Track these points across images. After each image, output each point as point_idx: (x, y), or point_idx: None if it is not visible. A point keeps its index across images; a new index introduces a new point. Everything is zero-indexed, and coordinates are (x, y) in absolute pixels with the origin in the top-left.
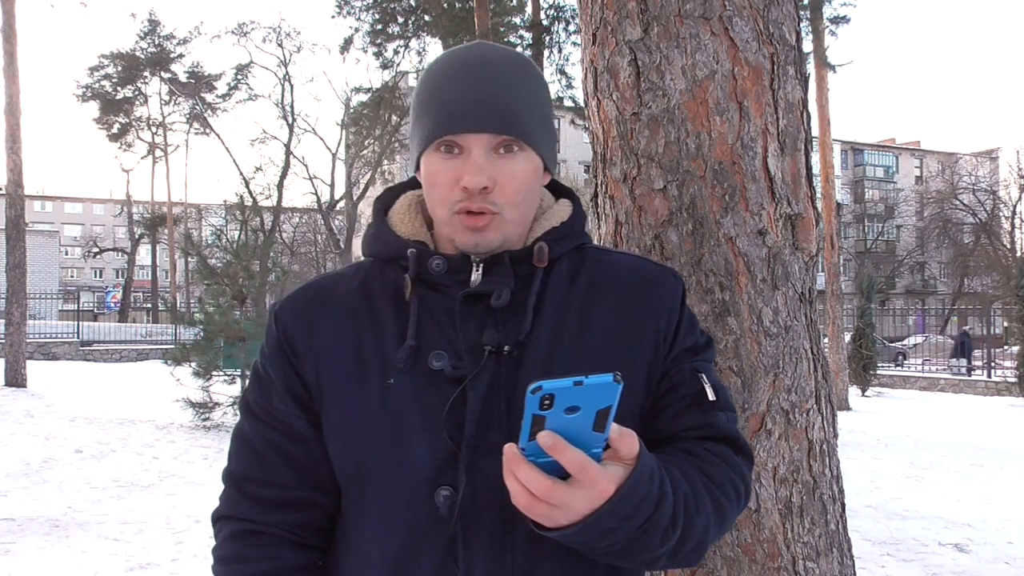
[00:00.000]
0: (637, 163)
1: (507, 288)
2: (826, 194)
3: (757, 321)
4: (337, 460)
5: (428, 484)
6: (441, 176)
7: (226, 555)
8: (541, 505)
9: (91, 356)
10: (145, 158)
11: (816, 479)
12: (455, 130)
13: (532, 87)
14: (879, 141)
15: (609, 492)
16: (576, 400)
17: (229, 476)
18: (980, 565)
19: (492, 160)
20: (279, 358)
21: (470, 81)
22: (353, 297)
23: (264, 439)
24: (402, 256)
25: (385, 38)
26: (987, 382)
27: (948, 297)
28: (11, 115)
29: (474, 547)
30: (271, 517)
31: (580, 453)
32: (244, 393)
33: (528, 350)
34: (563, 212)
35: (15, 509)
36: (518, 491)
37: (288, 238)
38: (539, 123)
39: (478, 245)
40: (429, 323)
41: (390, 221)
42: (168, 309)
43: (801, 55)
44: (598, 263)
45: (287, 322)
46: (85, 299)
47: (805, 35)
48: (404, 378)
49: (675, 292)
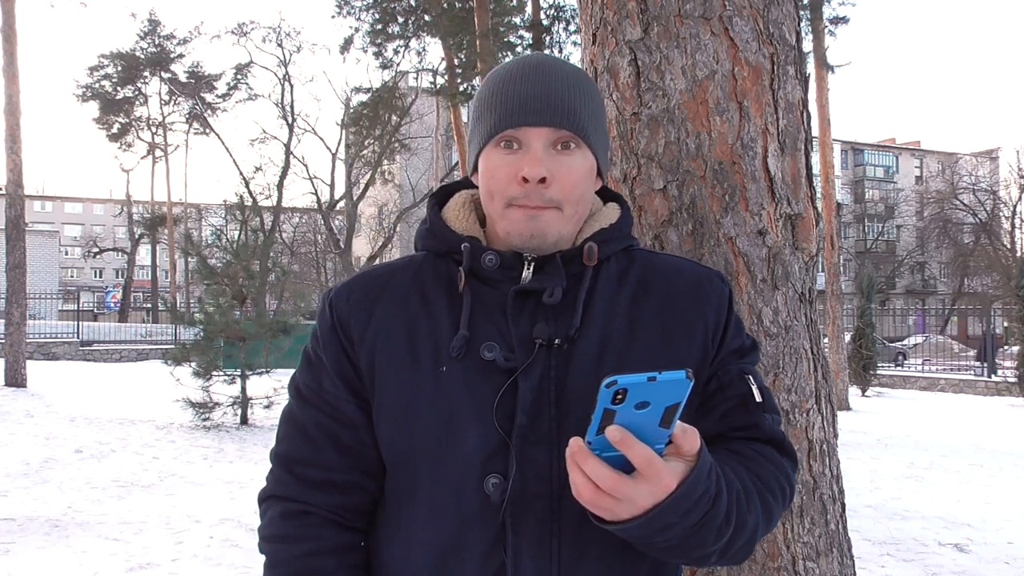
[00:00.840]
0: (637, 163)
1: (559, 286)
2: (826, 194)
3: (757, 321)
4: (388, 444)
5: (478, 471)
6: (500, 170)
7: (274, 534)
8: (605, 498)
9: (91, 356)
10: (145, 158)
11: (816, 479)
12: (516, 124)
13: (590, 92)
14: (879, 141)
15: (671, 487)
16: (647, 396)
17: (278, 457)
18: (980, 565)
19: (550, 155)
20: (333, 343)
21: (532, 79)
22: (407, 287)
23: (314, 422)
24: (455, 250)
25: (385, 38)
26: (987, 382)
27: (948, 297)
28: (11, 115)
29: (522, 535)
30: (318, 498)
31: (647, 448)
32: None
33: (578, 345)
34: (612, 215)
35: (15, 509)
36: (583, 484)
37: (288, 238)
38: (596, 125)
39: (533, 236)
40: (481, 315)
41: (444, 217)
42: (168, 309)
43: (801, 55)
44: (647, 265)
45: (342, 309)
46: (85, 299)
47: (805, 35)
48: (456, 367)
49: (722, 294)
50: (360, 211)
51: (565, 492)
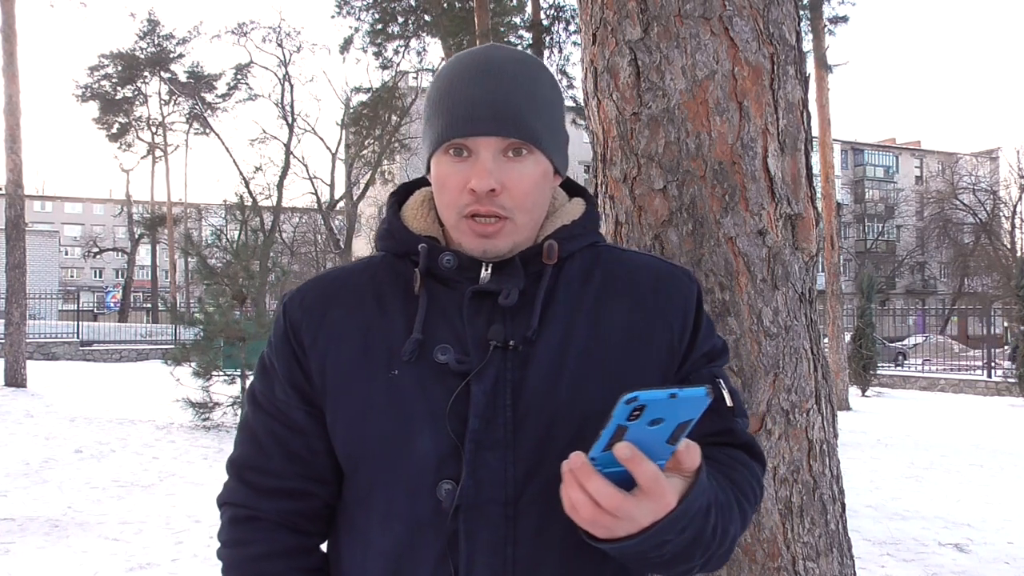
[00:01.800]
0: (637, 163)
1: (516, 287)
2: (826, 194)
3: (757, 321)
4: (341, 449)
5: (431, 476)
6: (450, 179)
7: (227, 539)
8: (606, 517)
9: (91, 356)
10: (145, 158)
11: (816, 479)
12: (463, 133)
13: (543, 89)
14: (879, 141)
15: (672, 505)
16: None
17: (231, 464)
18: (980, 565)
19: (500, 163)
20: (285, 350)
21: (479, 84)
22: (363, 290)
23: (265, 429)
24: (413, 251)
25: (385, 38)
26: (987, 382)
27: (948, 297)
28: (11, 115)
29: (476, 540)
30: (267, 504)
31: (654, 466)
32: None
33: (537, 347)
34: (575, 210)
35: (15, 509)
36: (583, 502)
37: (288, 238)
38: (548, 125)
39: (486, 252)
40: (437, 317)
41: (403, 216)
42: (168, 309)
43: (801, 55)
44: (612, 262)
45: (295, 315)
46: (85, 299)
47: (805, 35)
48: (409, 370)
49: (689, 293)
50: (360, 211)
51: (522, 498)
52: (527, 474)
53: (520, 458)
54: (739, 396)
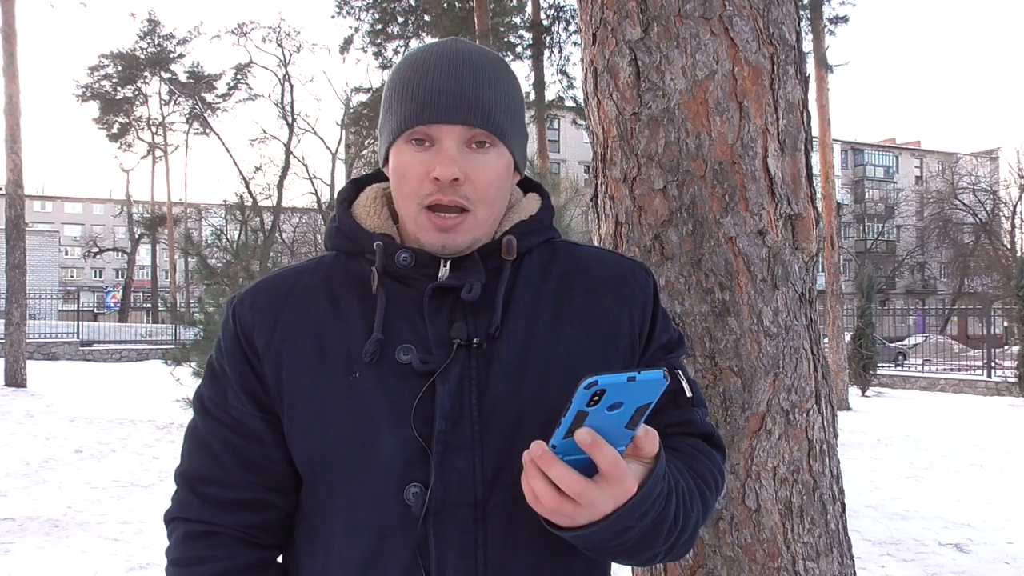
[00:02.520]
0: (637, 163)
1: (478, 281)
2: (826, 194)
3: (757, 321)
4: (301, 457)
5: (397, 481)
6: (411, 169)
7: (180, 556)
8: (568, 505)
9: (91, 356)
10: (145, 158)
11: (816, 479)
12: (428, 120)
13: (507, 85)
14: (879, 141)
15: (632, 490)
16: (623, 396)
17: (182, 476)
18: (980, 565)
19: (464, 153)
20: (236, 355)
21: (443, 72)
22: (315, 291)
23: (219, 438)
24: (368, 249)
25: (385, 38)
26: (987, 382)
27: (948, 297)
28: (11, 115)
29: (446, 545)
30: (224, 518)
31: (614, 451)
32: (198, 389)
33: (500, 343)
34: (532, 206)
35: (15, 509)
36: (545, 490)
37: (288, 238)
38: (512, 121)
39: (445, 247)
40: (396, 316)
41: (355, 214)
42: (168, 309)
43: (801, 55)
44: (569, 257)
45: (245, 318)
46: (85, 299)
47: (805, 35)
48: (370, 372)
49: (647, 286)
50: None
51: (490, 499)
52: (495, 474)
53: (487, 459)
54: (697, 387)
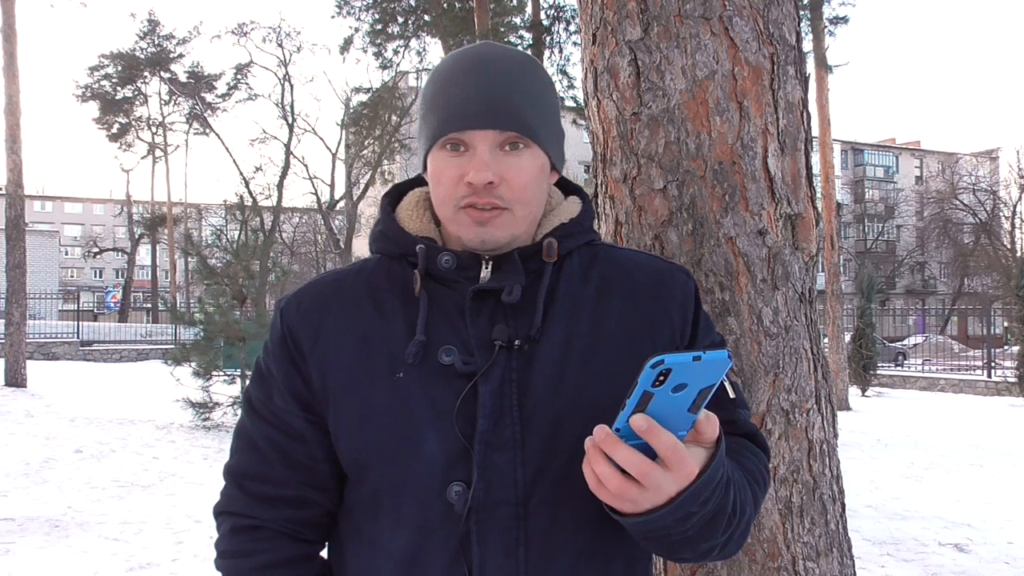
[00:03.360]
0: (637, 163)
1: (518, 284)
2: (826, 194)
3: (757, 321)
4: (346, 456)
5: (440, 479)
6: (446, 174)
7: (227, 549)
8: (632, 488)
9: (91, 356)
10: (145, 158)
11: (816, 479)
12: (460, 127)
13: (538, 85)
14: (879, 141)
15: (694, 474)
16: (687, 377)
17: (229, 472)
18: (980, 565)
19: (497, 157)
20: (283, 356)
21: (475, 79)
22: (360, 293)
23: (264, 436)
24: (410, 252)
25: (385, 38)
26: (987, 382)
27: (948, 297)
28: (11, 115)
29: (488, 543)
30: (268, 513)
31: (671, 436)
32: (247, 388)
33: (540, 345)
34: (572, 209)
35: (15, 509)
36: (609, 474)
37: (288, 238)
38: (544, 121)
39: (484, 242)
40: (439, 318)
41: (398, 217)
42: (168, 309)
43: (801, 55)
44: (609, 260)
45: (292, 320)
46: (85, 299)
47: (805, 35)
48: (413, 373)
49: (687, 289)
50: (360, 211)
51: (532, 498)
52: (536, 474)
53: (529, 458)
54: (740, 388)
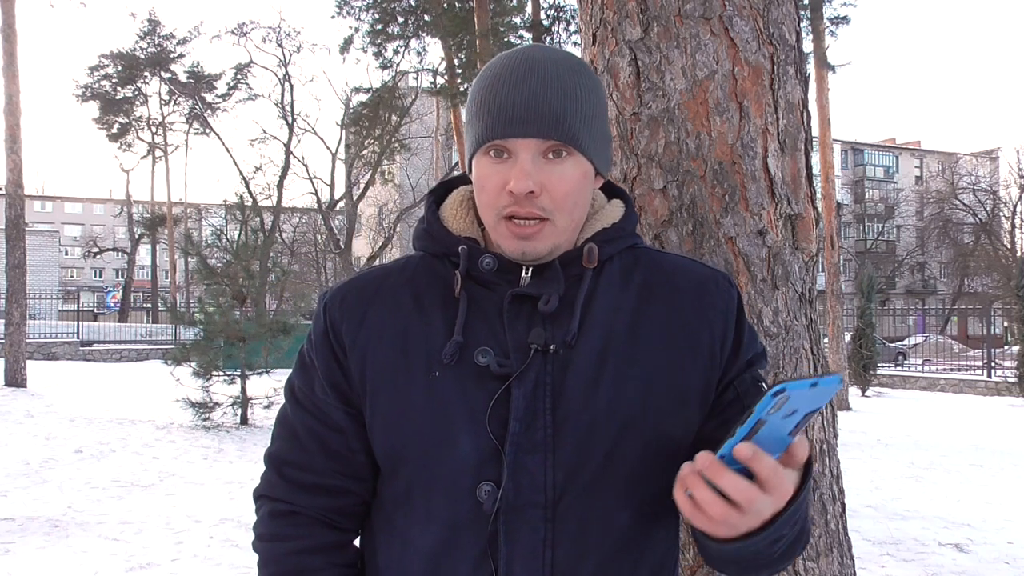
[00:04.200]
0: (637, 163)
1: (556, 293)
2: (826, 194)
3: (757, 321)
4: (380, 449)
5: (471, 478)
6: (489, 180)
7: (265, 532)
8: (735, 514)
9: (91, 356)
10: (145, 158)
11: (816, 479)
12: (502, 135)
13: (584, 90)
14: (879, 141)
15: (790, 493)
16: (800, 404)
17: (270, 458)
18: (980, 565)
19: (540, 165)
20: (324, 349)
21: (519, 84)
22: (402, 290)
23: (304, 425)
24: (452, 252)
25: (385, 38)
26: (987, 382)
27: (948, 297)
28: (11, 115)
29: (515, 543)
30: (306, 500)
31: (772, 459)
32: (290, 377)
33: (577, 351)
34: (615, 213)
35: (15, 509)
36: (712, 500)
37: (288, 238)
38: (590, 127)
39: (525, 254)
40: (477, 320)
41: (442, 216)
42: (168, 309)
43: (801, 55)
44: (651, 265)
45: (335, 314)
46: (85, 299)
47: (805, 35)
48: (449, 372)
49: (729, 297)
50: (360, 211)
51: (561, 502)
52: (566, 478)
53: (560, 462)
54: None
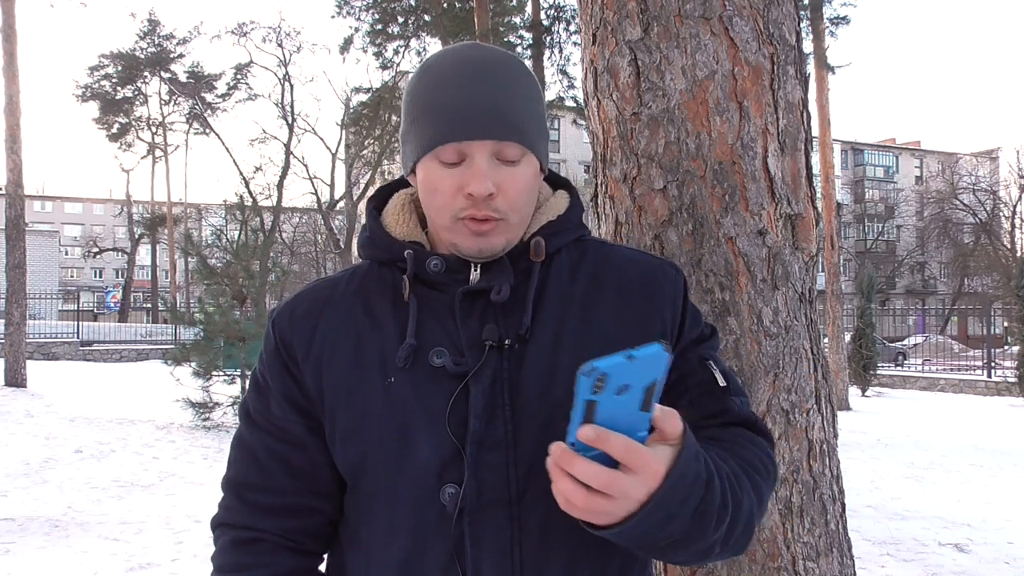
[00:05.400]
0: (637, 163)
1: (507, 283)
2: (826, 194)
3: (757, 321)
4: (342, 461)
5: (434, 481)
6: (443, 183)
7: (225, 563)
8: (599, 500)
9: (91, 356)
10: (145, 158)
11: (816, 479)
12: (458, 138)
13: (528, 89)
14: (879, 141)
15: (661, 473)
16: (627, 378)
17: (228, 483)
18: (980, 565)
19: (495, 166)
20: (277, 365)
21: (470, 86)
22: (351, 300)
23: (263, 445)
24: (399, 257)
25: (385, 38)
26: (987, 382)
27: (948, 297)
28: (11, 115)
29: (482, 543)
30: (269, 523)
31: (623, 437)
32: (243, 400)
33: (531, 344)
34: (560, 204)
35: (15, 509)
36: (573, 490)
37: (288, 238)
38: (537, 126)
39: (482, 251)
40: (429, 321)
41: (384, 222)
42: (168, 309)
43: (801, 55)
44: (599, 256)
45: (284, 329)
46: (85, 299)
47: (805, 35)
48: (405, 377)
49: (677, 284)
50: (360, 211)
51: (524, 498)
52: (528, 473)
53: (521, 457)
54: (734, 377)
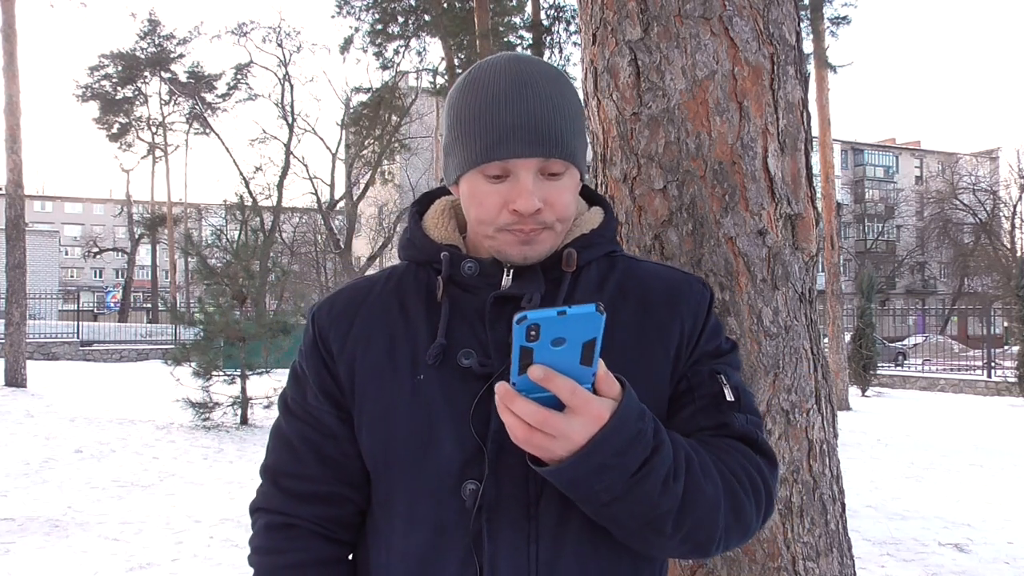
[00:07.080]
0: (637, 163)
1: (537, 292)
2: (826, 194)
3: (757, 321)
4: (368, 453)
5: (455, 478)
6: (488, 199)
7: (261, 546)
8: (537, 435)
9: (91, 356)
10: (145, 158)
11: (816, 479)
12: (504, 156)
13: (571, 103)
14: (879, 141)
15: (604, 417)
16: (561, 332)
17: (266, 470)
18: (980, 565)
19: (540, 182)
20: (314, 357)
21: (516, 105)
22: (387, 298)
23: (299, 434)
24: (435, 259)
25: (385, 38)
26: (987, 382)
27: (948, 297)
28: (11, 115)
29: (499, 540)
30: (303, 510)
31: (570, 380)
32: (282, 391)
33: None
34: (595, 219)
35: (15, 509)
36: (514, 424)
37: (288, 238)
38: (579, 139)
39: (527, 258)
40: (460, 323)
41: (424, 225)
42: (168, 309)
43: (801, 55)
44: (627, 271)
45: (323, 323)
46: (85, 299)
47: (805, 35)
48: (433, 374)
49: (701, 298)
50: (360, 211)
51: (542, 497)
52: None
53: None
54: (749, 395)
